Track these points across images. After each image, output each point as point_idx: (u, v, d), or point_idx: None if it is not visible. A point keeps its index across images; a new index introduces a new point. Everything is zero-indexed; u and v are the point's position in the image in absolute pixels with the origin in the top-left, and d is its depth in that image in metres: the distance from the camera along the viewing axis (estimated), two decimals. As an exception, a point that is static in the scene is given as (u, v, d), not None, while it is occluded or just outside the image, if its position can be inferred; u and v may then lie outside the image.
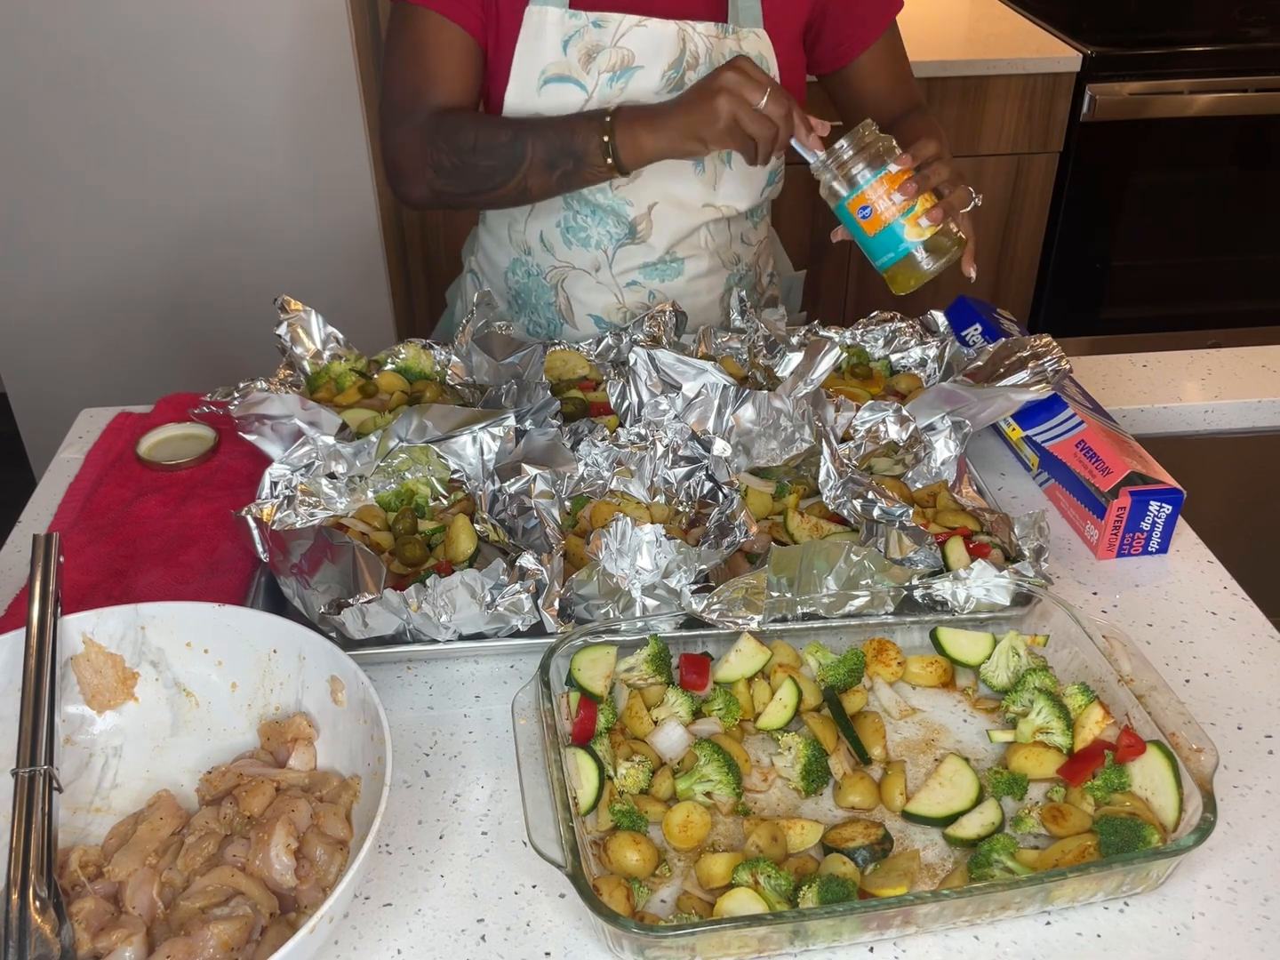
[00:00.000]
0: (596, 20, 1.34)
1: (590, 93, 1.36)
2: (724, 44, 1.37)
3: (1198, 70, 2.66)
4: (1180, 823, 0.86)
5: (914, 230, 1.20)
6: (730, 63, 1.21)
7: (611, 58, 1.35)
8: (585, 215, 1.45)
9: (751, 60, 1.23)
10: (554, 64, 1.35)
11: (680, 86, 1.36)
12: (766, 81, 1.20)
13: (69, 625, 0.94)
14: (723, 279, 1.55)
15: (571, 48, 1.35)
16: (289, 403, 1.21)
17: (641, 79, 1.36)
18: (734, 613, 1.02)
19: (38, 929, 0.77)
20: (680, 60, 1.36)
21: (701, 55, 1.36)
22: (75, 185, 2.40)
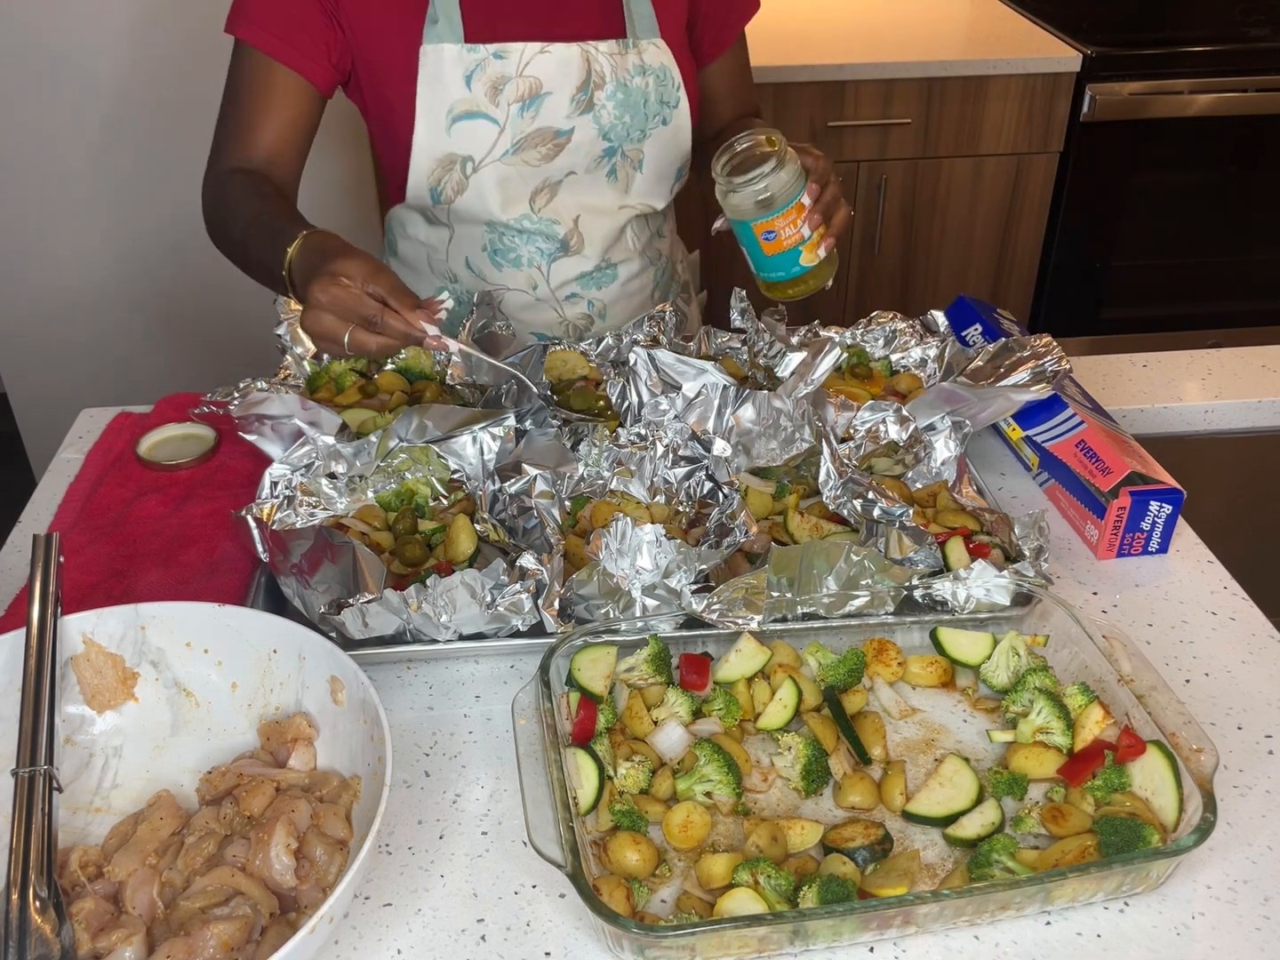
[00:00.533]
0: (497, 51, 1.33)
1: (503, 125, 1.35)
2: (626, 59, 1.37)
3: (1198, 70, 2.66)
4: (1180, 823, 0.86)
5: (809, 256, 1.22)
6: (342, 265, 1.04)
7: (519, 88, 1.34)
8: (511, 236, 1.44)
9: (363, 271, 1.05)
10: (460, 100, 1.33)
11: (590, 107, 1.36)
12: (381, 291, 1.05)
13: (69, 625, 0.94)
14: (650, 276, 1.56)
15: (475, 82, 1.33)
16: (289, 403, 1.21)
17: (550, 104, 1.36)
18: (734, 613, 1.02)
19: (38, 929, 0.77)
20: (587, 82, 1.36)
21: (607, 74, 1.36)
22: (75, 185, 2.40)
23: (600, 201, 1.45)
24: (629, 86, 1.37)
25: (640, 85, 1.38)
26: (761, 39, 2.75)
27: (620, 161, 1.42)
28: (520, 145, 1.37)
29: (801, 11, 2.88)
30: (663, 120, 1.41)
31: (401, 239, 1.52)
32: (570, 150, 1.39)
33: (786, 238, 1.20)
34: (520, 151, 1.37)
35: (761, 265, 1.24)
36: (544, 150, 1.38)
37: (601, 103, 1.37)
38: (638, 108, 1.39)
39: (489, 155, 1.36)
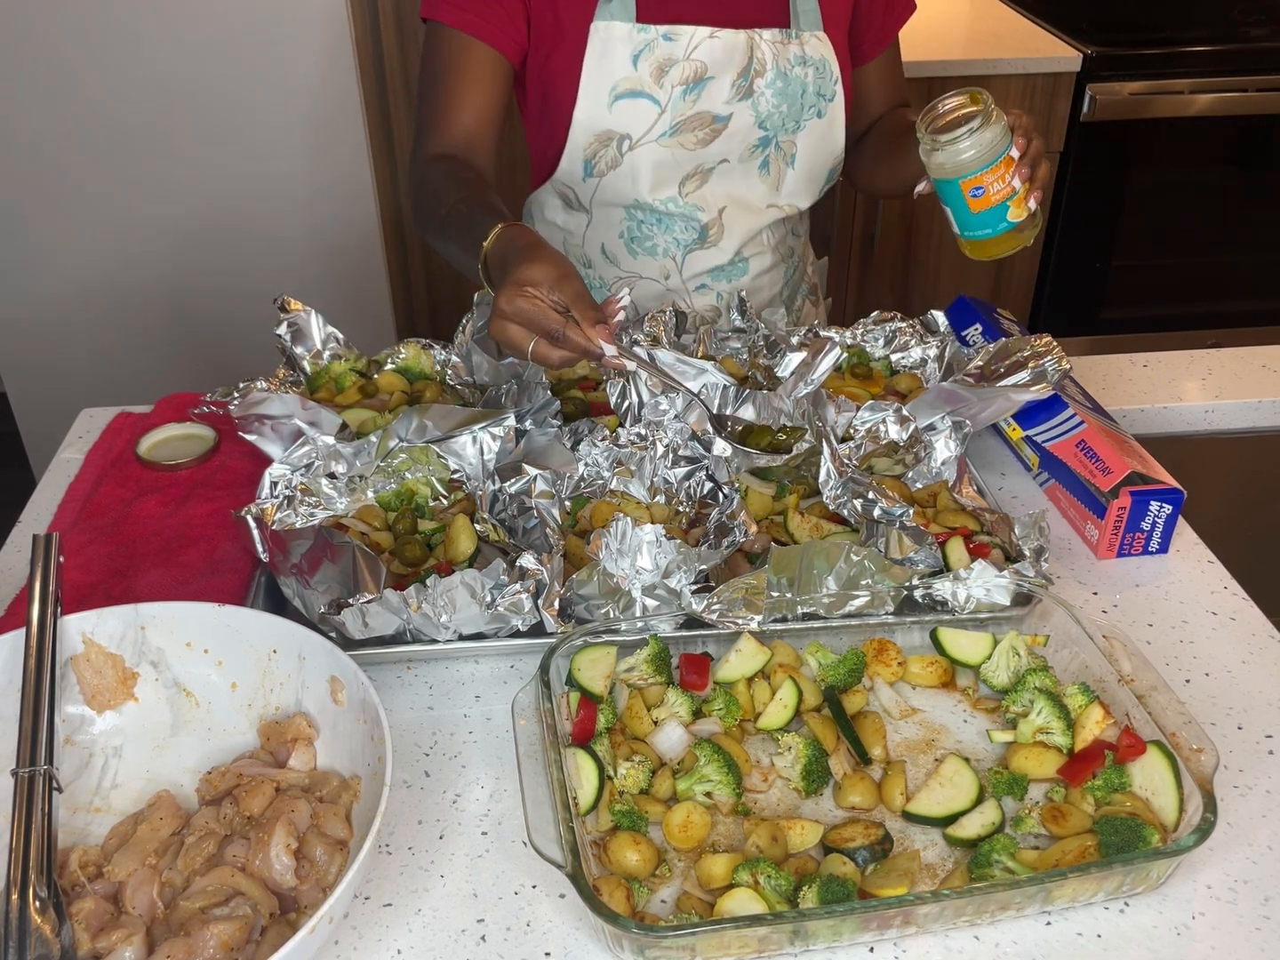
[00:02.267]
0: (667, 33, 1.35)
1: (664, 106, 1.37)
2: (789, 49, 1.39)
3: (1198, 70, 2.66)
4: (1180, 823, 0.86)
5: (1017, 211, 1.20)
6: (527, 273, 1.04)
7: (684, 71, 1.36)
8: (650, 224, 1.46)
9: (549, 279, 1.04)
10: (625, 79, 1.36)
11: (750, 94, 1.39)
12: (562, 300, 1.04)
13: (69, 625, 0.94)
14: (781, 273, 1.58)
15: (642, 62, 1.35)
16: (289, 403, 1.21)
17: (712, 89, 1.38)
18: (734, 613, 1.02)
19: (38, 929, 0.77)
20: (749, 68, 1.38)
21: (768, 62, 1.38)
22: (76, 186, 2.40)
23: (749, 195, 1.46)
24: (789, 75, 1.39)
25: (800, 75, 1.40)
26: (761, 39, 2.75)
27: (774, 154, 1.44)
28: (678, 128, 1.39)
29: (801, 11, 2.87)
30: (818, 113, 1.42)
31: (539, 222, 1.54)
32: (726, 136, 1.41)
33: (995, 193, 1.19)
34: (677, 134, 1.39)
35: (967, 224, 1.23)
36: (701, 135, 1.40)
37: (761, 90, 1.39)
38: (795, 97, 1.40)
39: (647, 135, 1.39)
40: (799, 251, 1.61)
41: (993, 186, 1.18)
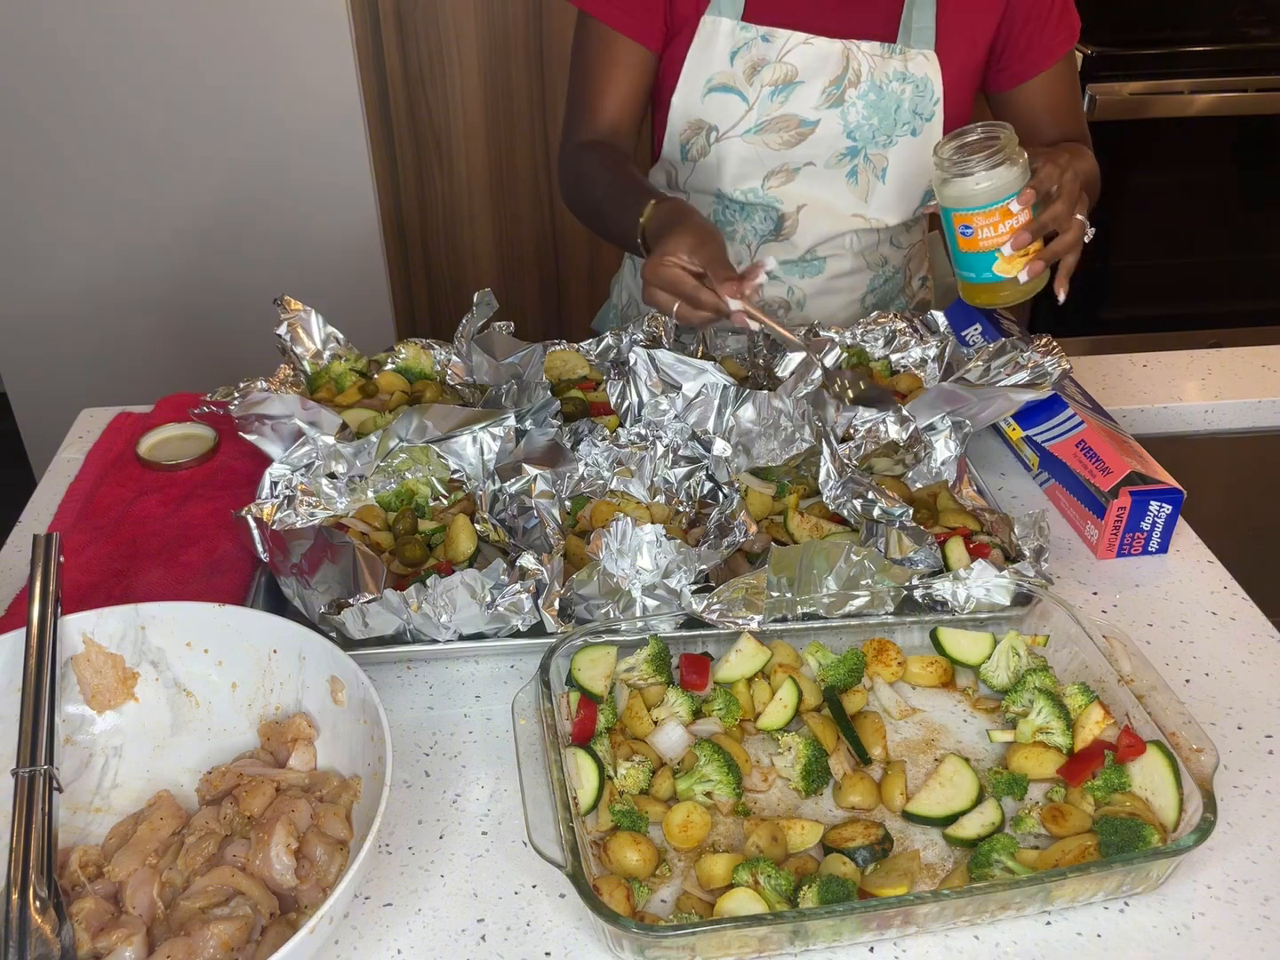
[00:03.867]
0: (765, 34, 1.38)
1: (751, 104, 1.40)
2: (889, 64, 1.39)
3: (1198, 70, 2.66)
4: (1180, 823, 0.86)
5: (1005, 267, 1.16)
6: (670, 242, 1.15)
7: (775, 72, 1.38)
8: (734, 211, 1.49)
9: (689, 245, 1.15)
10: (720, 73, 1.40)
11: (840, 102, 1.39)
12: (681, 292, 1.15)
13: (69, 625, 0.94)
14: (865, 279, 1.56)
15: (738, 59, 1.39)
16: (289, 403, 1.21)
17: (801, 94, 1.39)
18: (734, 613, 1.02)
19: (38, 929, 0.77)
20: (842, 77, 1.38)
21: (864, 73, 1.39)
22: (76, 186, 2.40)
23: (833, 200, 1.46)
24: (883, 89, 1.39)
25: (896, 90, 1.40)
26: (761, 39, 2.75)
27: (862, 165, 1.44)
28: (763, 126, 1.41)
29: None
30: (912, 131, 1.42)
31: None
32: (813, 141, 1.42)
33: (984, 238, 1.15)
34: (762, 132, 1.41)
35: (957, 260, 1.21)
36: (786, 136, 1.42)
37: (852, 100, 1.39)
38: (888, 112, 1.40)
39: (733, 129, 1.42)
40: (896, 263, 1.58)
41: (981, 230, 1.15)
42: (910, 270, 1.62)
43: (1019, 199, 1.14)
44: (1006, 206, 1.13)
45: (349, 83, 2.40)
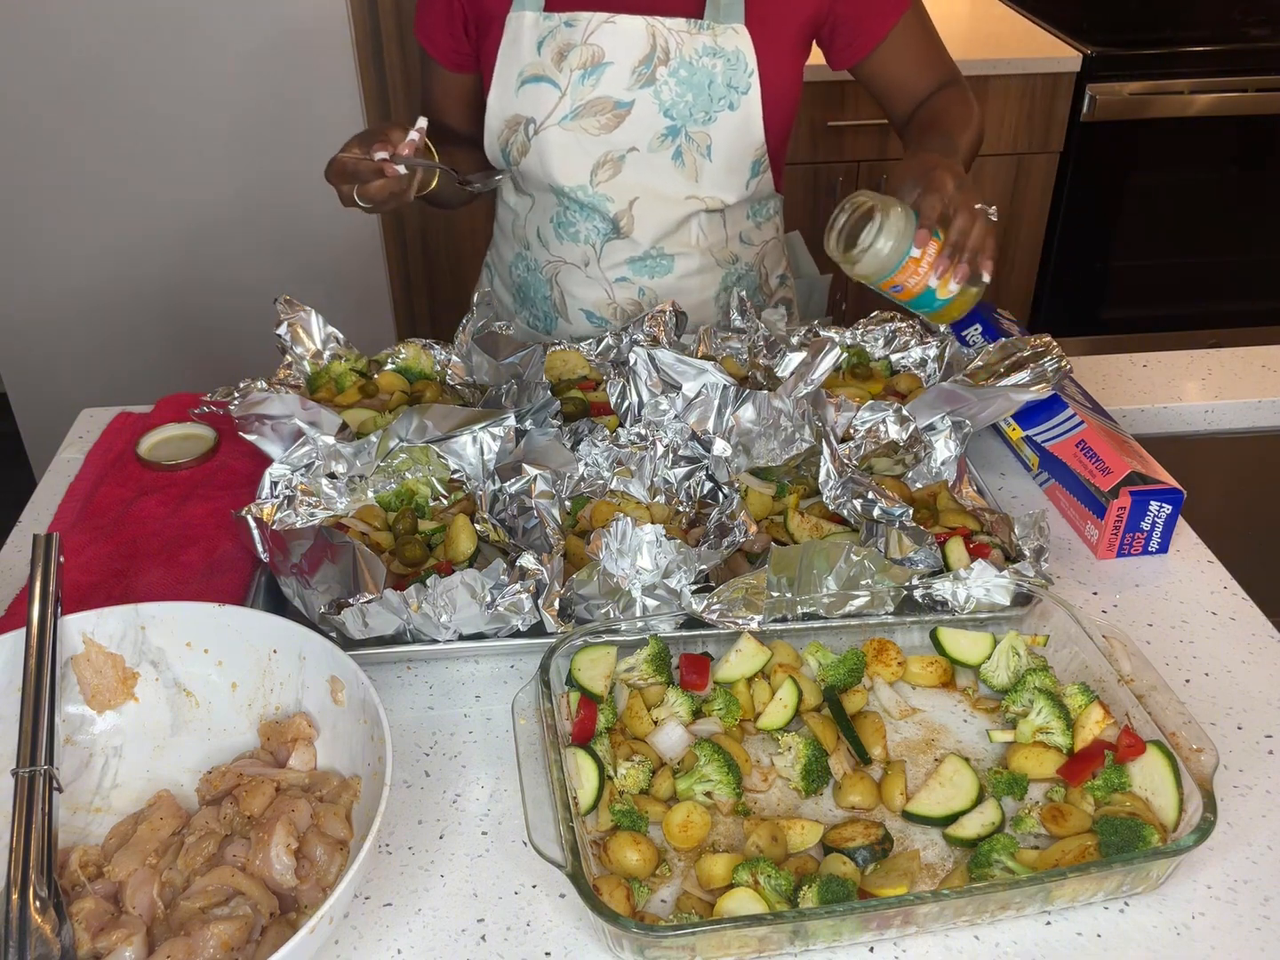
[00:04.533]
0: (568, 20, 1.38)
1: (564, 90, 1.40)
2: (697, 39, 1.38)
3: (1198, 70, 2.66)
4: (1180, 823, 0.86)
5: (945, 291, 1.18)
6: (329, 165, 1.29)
7: (582, 55, 1.38)
8: (574, 210, 1.48)
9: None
10: (530, 64, 1.40)
11: (651, 81, 1.38)
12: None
13: (69, 625, 0.94)
14: (717, 277, 1.55)
15: (545, 48, 1.39)
16: (289, 403, 1.21)
17: (612, 75, 1.38)
18: (734, 613, 1.02)
19: (38, 929, 0.77)
20: (651, 56, 1.37)
21: (673, 50, 1.37)
22: (76, 186, 2.40)
23: (664, 186, 1.45)
24: (694, 65, 1.38)
25: (708, 65, 1.38)
26: (761, 39, 2.75)
27: (686, 144, 1.43)
28: (579, 112, 1.40)
29: (801, 11, 2.87)
30: (729, 105, 1.41)
31: (499, 204, 1.60)
32: (631, 123, 1.41)
33: (914, 286, 1.17)
34: (579, 118, 1.41)
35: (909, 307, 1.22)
36: (603, 120, 1.41)
37: (664, 78, 1.38)
38: (701, 88, 1.39)
39: (549, 118, 1.41)
40: (748, 260, 1.57)
41: (909, 281, 1.17)
42: (765, 268, 1.60)
43: (917, 243, 1.15)
44: (911, 258, 1.15)
45: (349, 83, 2.40)
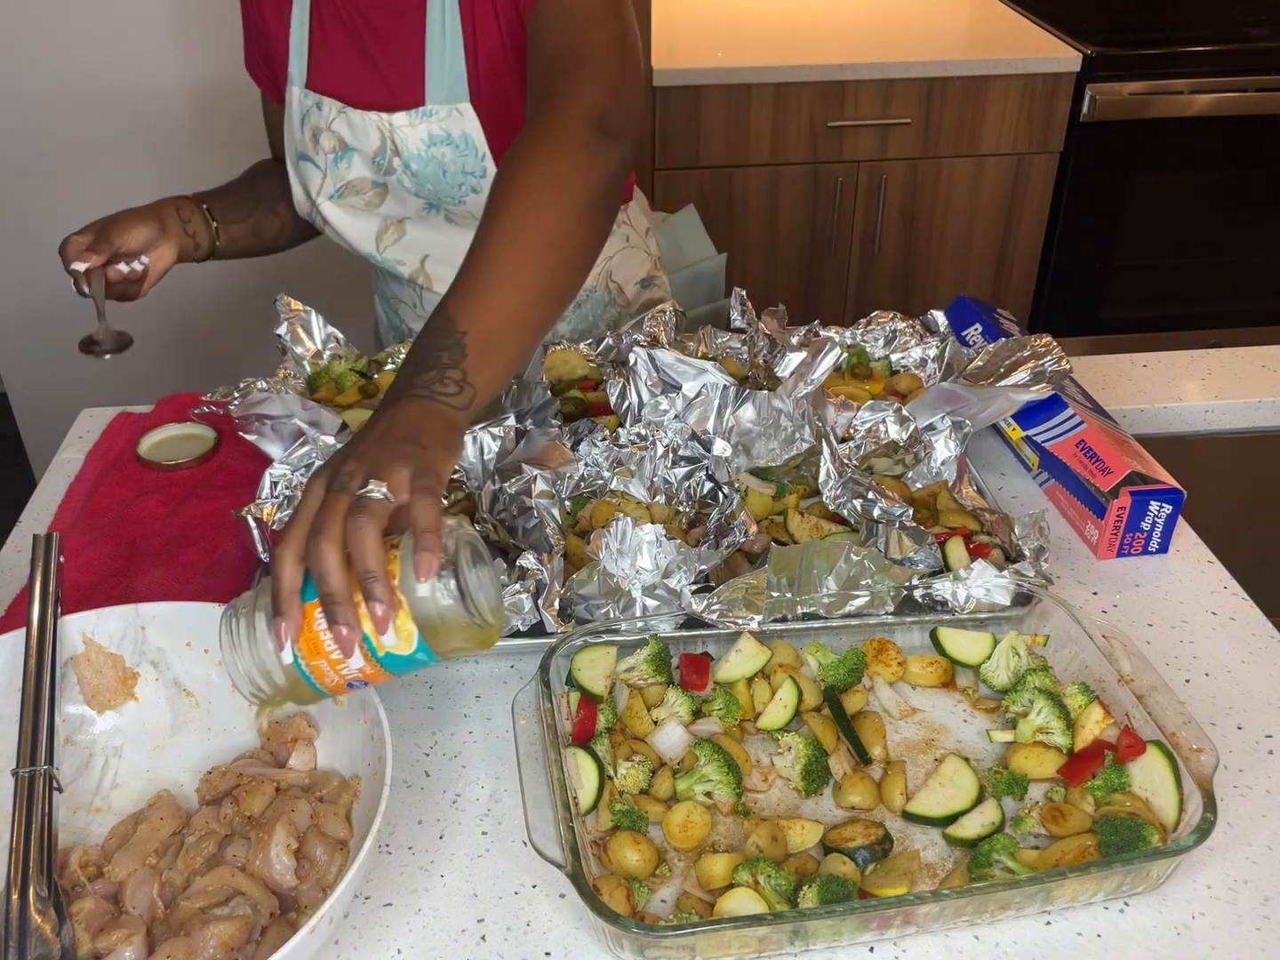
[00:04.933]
0: (318, 103, 1.38)
1: (323, 170, 1.40)
2: (420, 129, 1.32)
3: (1198, 70, 2.66)
4: (1180, 823, 0.86)
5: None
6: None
7: (330, 140, 1.38)
8: (384, 275, 1.52)
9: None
10: (299, 142, 1.42)
11: (391, 172, 1.37)
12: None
13: (69, 625, 0.94)
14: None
15: (305, 126, 1.40)
16: (289, 403, 1.21)
17: (358, 161, 1.38)
18: (734, 613, 1.02)
19: (38, 929, 0.77)
20: (384, 148, 1.35)
21: (402, 146, 1.34)
22: (76, 186, 2.40)
23: (452, 242, 1.39)
24: (424, 157, 1.34)
25: (437, 155, 1.33)
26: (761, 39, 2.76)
27: (455, 209, 1.39)
28: (342, 191, 1.41)
29: (801, 12, 2.88)
30: (472, 189, 1.36)
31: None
32: (392, 199, 1.40)
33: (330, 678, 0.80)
34: (344, 196, 1.41)
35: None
36: (366, 197, 1.41)
37: (399, 170, 1.36)
38: (438, 178, 1.35)
39: (320, 194, 1.42)
40: (589, 284, 1.48)
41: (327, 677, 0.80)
42: (616, 282, 1.53)
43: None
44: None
45: (349, 83, 2.40)
